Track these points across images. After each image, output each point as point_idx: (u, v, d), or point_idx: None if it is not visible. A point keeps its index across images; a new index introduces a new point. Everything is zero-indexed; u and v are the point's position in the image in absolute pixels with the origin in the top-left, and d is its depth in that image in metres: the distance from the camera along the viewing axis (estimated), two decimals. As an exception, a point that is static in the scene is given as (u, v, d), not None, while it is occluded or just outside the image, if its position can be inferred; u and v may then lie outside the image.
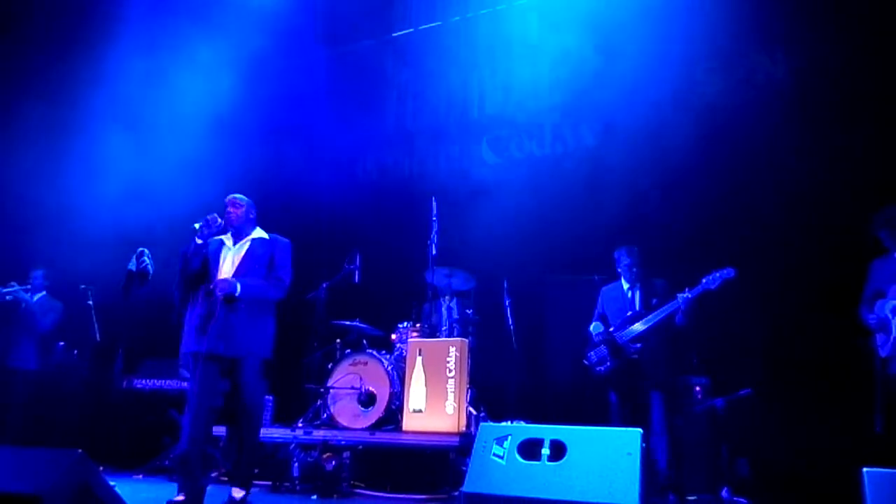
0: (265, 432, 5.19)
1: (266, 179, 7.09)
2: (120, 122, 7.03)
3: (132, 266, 4.71)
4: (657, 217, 5.42)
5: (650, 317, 4.42)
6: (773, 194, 5.04)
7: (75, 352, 5.99)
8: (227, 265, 3.95)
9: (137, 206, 6.47)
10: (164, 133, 7.05)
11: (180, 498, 3.66)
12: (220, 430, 5.23)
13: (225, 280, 3.81)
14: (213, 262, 3.95)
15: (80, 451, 2.44)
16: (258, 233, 4.10)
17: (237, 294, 3.78)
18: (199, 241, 3.85)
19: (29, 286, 5.76)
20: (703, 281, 4.26)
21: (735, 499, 4.46)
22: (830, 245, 4.71)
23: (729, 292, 4.36)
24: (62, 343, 5.98)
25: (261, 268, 3.95)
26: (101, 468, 2.86)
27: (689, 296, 4.29)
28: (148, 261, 4.15)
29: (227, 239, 4.06)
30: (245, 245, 4.01)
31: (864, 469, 3.12)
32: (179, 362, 6.13)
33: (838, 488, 3.81)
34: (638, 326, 4.46)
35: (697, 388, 4.84)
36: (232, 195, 4.10)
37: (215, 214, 3.92)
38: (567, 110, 6.18)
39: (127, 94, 7.09)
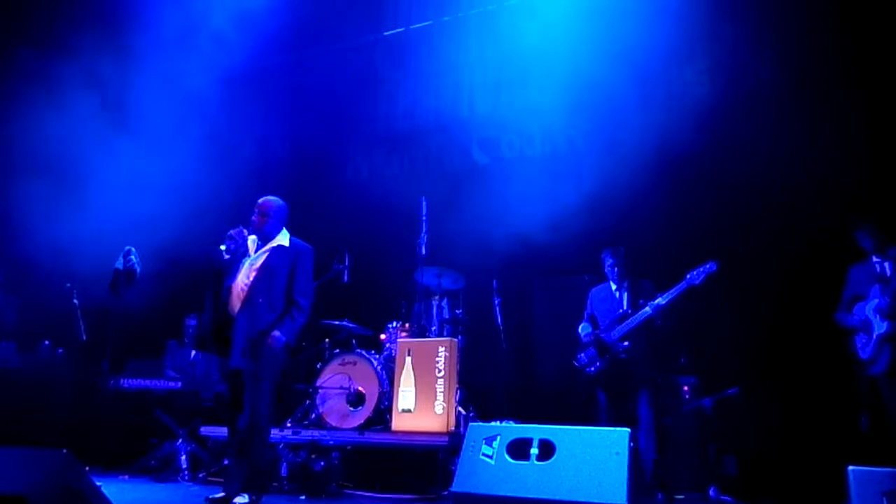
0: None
1: (255, 179, 7.06)
2: (111, 121, 6.97)
3: (119, 265, 4.67)
4: (646, 217, 5.45)
5: (634, 318, 4.46)
6: (760, 194, 5.08)
7: (60, 351, 5.93)
8: (242, 276, 3.78)
9: (125, 204, 6.41)
10: (152, 133, 6.99)
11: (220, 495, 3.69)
12: (208, 431, 5.23)
13: (276, 338, 3.69)
14: (233, 269, 3.79)
15: (65, 451, 2.41)
16: (281, 238, 3.89)
17: (285, 341, 3.73)
18: (227, 257, 3.75)
19: None
20: (688, 276, 4.32)
21: (722, 497, 4.49)
22: (818, 245, 4.76)
23: (716, 292, 4.39)
24: (47, 342, 5.92)
25: (279, 281, 3.76)
26: (87, 468, 2.83)
27: (660, 303, 4.34)
28: (135, 259, 4.11)
29: (252, 244, 3.88)
30: (264, 255, 3.81)
31: (850, 467, 3.16)
32: (166, 362, 6.11)
33: (824, 486, 3.85)
34: (625, 326, 4.49)
35: (685, 388, 4.87)
36: (263, 198, 3.91)
37: (241, 227, 3.81)
38: (557, 110, 6.18)
39: (118, 94, 7.03)
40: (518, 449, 3.71)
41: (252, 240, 3.87)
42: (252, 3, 6.99)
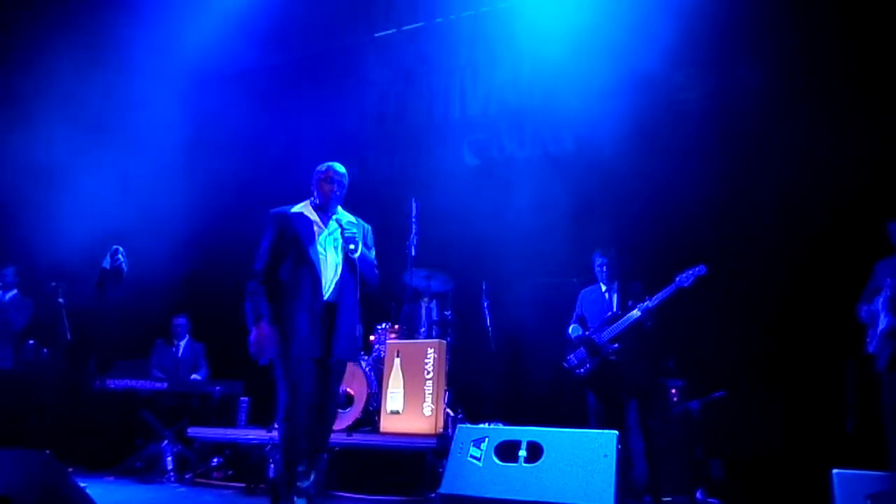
0: (240, 433, 5.16)
1: (245, 179, 7.03)
2: (98, 120, 6.92)
3: (106, 264, 4.64)
4: (636, 219, 5.47)
5: (623, 319, 4.47)
6: (748, 198, 5.11)
7: (45, 351, 5.88)
8: (331, 253, 3.40)
9: (112, 202, 6.37)
10: (140, 133, 6.95)
11: None
12: (196, 432, 5.19)
13: (357, 243, 3.30)
14: (308, 243, 3.33)
15: (48, 452, 2.39)
16: (342, 212, 3.56)
17: (352, 255, 3.29)
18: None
19: (0, 284, 5.66)
20: (677, 279, 4.34)
21: (709, 500, 4.50)
22: (805, 248, 4.79)
23: (704, 295, 4.42)
24: (32, 341, 5.87)
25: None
26: (71, 469, 2.81)
27: (649, 305, 4.37)
28: (122, 258, 4.07)
29: (309, 212, 3.47)
30: (336, 229, 3.43)
31: (834, 470, 3.19)
32: (152, 361, 6.05)
33: (811, 489, 3.88)
34: (615, 328, 4.50)
35: (673, 391, 4.89)
36: (333, 164, 3.57)
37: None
38: (547, 113, 6.21)
39: (104, 94, 6.97)
40: (506, 451, 3.71)
41: (306, 208, 3.51)
42: (242, 3, 6.97)
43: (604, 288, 4.74)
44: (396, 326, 5.45)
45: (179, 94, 6.97)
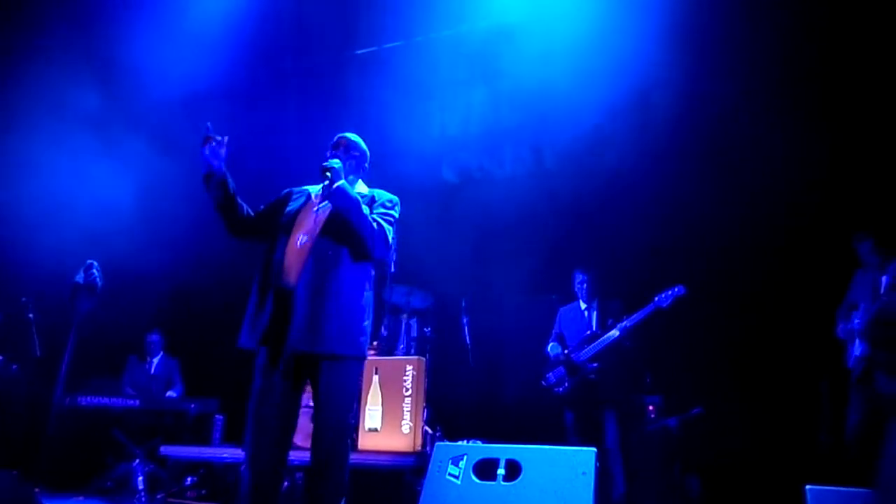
0: (215, 452, 5.06)
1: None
2: (71, 133, 6.83)
3: (80, 278, 4.55)
4: (614, 237, 5.53)
5: (603, 338, 4.50)
6: (724, 216, 5.19)
7: (14, 367, 5.74)
8: (309, 222, 2.90)
9: (87, 216, 6.27)
10: (114, 146, 6.87)
11: None
12: (169, 451, 5.08)
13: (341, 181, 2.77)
14: (289, 212, 3.00)
15: (14, 472, 2.33)
16: (360, 187, 3.12)
17: (334, 188, 2.76)
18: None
19: None
20: (656, 299, 4.38)
21: (686, 517, 4.53)
22: (780, 265, 4.87)
23: (681, 313, 4.47)
24: (1, 357, 5.73)
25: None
26: (39, 488, 2.73)
27: (627, 324, 4.41)
28: (96, 273, 3.99)
29: (317, 190, 3.08)
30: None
31: (807, 486, 3.22)
32: (125, 378, 5.93)
33: (786, 506, 3.91)
34: (594, 346, 4.53)
35: (651, 408, 4.92)
36: (342, 135, 3.21)
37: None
38: (527, 132, 6.27)
39: (77, 105, 6.89)
40: (485, 469, 3.69)
41: (318, 188, 3.08)
42: (223, 17, 6.97)
43: (583, 306, 4.77)
44: (375, 343, 5.41)
45: (156, 108, 6.92)
